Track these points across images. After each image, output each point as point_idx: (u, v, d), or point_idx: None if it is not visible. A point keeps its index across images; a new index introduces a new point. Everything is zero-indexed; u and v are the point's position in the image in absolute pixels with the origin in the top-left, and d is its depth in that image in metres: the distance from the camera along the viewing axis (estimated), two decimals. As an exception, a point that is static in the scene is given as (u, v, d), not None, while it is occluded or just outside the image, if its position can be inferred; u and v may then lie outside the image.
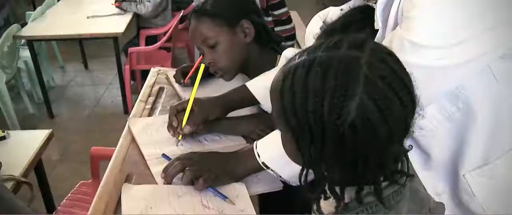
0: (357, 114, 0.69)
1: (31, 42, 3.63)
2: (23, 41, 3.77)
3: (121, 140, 1.43)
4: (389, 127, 0.71)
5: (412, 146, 0.82)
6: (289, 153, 0.84)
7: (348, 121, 0.69)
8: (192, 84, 1.72)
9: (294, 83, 0.73)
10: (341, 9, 1.14)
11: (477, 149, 1.08)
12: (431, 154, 1.12)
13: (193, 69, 1.75)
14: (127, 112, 3.95)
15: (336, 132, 0.70)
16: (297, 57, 0.77)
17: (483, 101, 1.04)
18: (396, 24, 0.97)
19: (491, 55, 0.94)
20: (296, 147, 0.77)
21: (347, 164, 0.74)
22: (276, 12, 2.97)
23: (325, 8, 1.34)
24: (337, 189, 0.78)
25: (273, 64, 1.58)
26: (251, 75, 1.59)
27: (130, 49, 3.87)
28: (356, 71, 0.70)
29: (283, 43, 1.71)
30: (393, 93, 0.71)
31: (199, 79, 1.42)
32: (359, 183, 0.77)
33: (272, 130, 1.32)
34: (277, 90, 0.76)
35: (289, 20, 3.00)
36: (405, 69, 0.75)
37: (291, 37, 3.02)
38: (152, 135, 1.43)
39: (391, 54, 0.77)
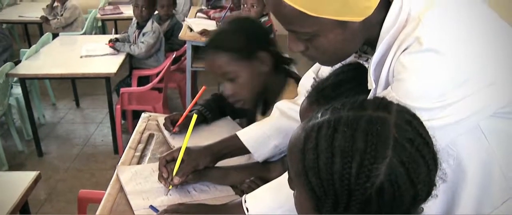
0: (386, 176, 0.67)
1: (23, 80, 3.62)
2: (16, 78, 3.77)
3: (109, 188, 1.41)
4: (415, 190, 0.70)
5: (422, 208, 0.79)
6: (302, 211, 0.81)
7: (376, 184, 0.67)
8: (181, 132, 1.71)
9: (319, 143, 0.70)
10: (332, 65, 1.14)
11: (468, 205, 1.07)
12: (424, 210, 1.11)
13: (182, 117, 1.75)
14: (117, 151, 3.92)
15: (362, 194, 0.67)
16: (319, 115, 0.74)
17: (473, 158, 1.04)
18: (387, 84, 0.97)
19: (481, 114, 0.96)
20: (313, 207, 0.74)
21: None
22: None
23: None
24: None
25: (286, 87, 1.59)
26: (270, 101, 1.59)
27: (122, 90, 3.87)
28: (385, 133, 0.68)
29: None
30: (420, 156, 0.70)
31: (191, 129, 1.41)
32: None
33: (262, 180, 1.31)
34: (298, 149, 0.73)
35: None
36: (428, 132, 0.74)
37: None
38: (140, 184, 1.42)
39: (415, 116, 0.76)
